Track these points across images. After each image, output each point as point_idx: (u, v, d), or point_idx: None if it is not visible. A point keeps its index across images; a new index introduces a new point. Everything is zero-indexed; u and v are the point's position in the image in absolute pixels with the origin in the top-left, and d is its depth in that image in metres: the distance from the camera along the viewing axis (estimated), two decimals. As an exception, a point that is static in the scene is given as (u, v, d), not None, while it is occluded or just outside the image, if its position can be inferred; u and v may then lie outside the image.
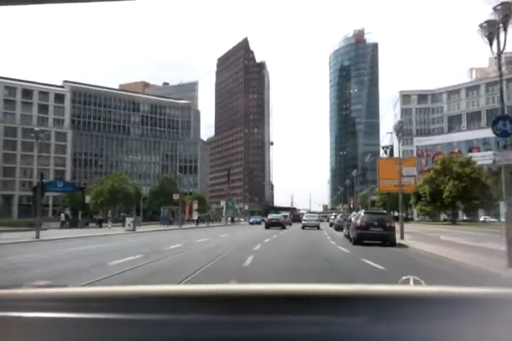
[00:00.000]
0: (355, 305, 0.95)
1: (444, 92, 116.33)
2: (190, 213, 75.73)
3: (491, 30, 11.50)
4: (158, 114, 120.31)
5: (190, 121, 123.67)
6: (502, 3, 11.13)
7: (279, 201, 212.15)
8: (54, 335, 0.92)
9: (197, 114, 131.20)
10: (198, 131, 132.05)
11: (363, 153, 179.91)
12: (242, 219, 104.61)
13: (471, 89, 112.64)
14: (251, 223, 62.69)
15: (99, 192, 63.36)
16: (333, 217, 53.95)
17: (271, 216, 45.84)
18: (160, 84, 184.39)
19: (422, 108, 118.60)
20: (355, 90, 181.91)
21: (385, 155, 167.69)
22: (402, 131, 26.15)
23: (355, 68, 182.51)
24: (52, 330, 0.93)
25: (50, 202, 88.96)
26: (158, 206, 65.95)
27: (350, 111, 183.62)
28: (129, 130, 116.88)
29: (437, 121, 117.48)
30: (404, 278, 1.85)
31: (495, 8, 11.31)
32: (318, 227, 40.83)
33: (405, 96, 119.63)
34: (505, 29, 11.43)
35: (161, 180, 75.26)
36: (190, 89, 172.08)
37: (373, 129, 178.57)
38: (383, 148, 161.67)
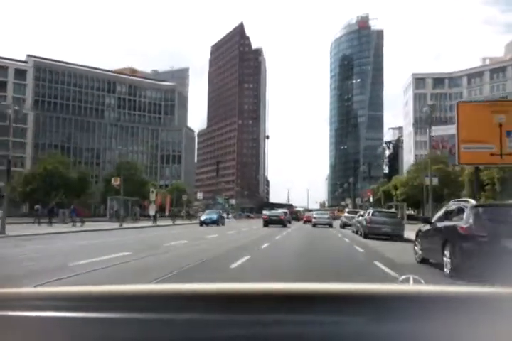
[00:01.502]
0: (355, 304, 0.92)
1: (464, 76, 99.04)
2: (164, 207, 58.64)
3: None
4: (137, 96, 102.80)
5: (175, 106, 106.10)
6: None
7: (274, 198, 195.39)
8: (54, 335, 0.90)
9: (183, 98, 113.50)
10: (184, 116, 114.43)
11: (365, 148, 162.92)
12: (230, 216, 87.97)
13: (496, 71, 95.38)
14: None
15: (30, 177, 46.13)
16: (346, 214, 36.66)
17: (270, 212, 40.26)
18: (149, 71, 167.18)
19: (438, 93, 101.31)
20: (358, 80, 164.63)
21: (387, 151, 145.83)
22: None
23: (358, 57, 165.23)
24: (52, 330, 0.91)
25: None
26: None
27: (352, 102, 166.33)
28: (103, 113, 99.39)
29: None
30: (404, 277, 1.79)
31: None
32: (330, 225, 35.90)
33: (419, 80, 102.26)
34: None
35: (118, 165, 57.74)
36: (180, 75, 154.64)
37: (377, 122, 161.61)
38: (386, 143, 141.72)
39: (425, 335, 0.86)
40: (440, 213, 10.72)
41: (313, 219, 37.38)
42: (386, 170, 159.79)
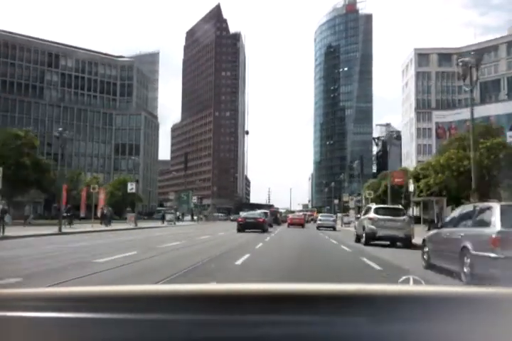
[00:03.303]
0: (355, 304, 0.89)
1: (475, 50, 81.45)
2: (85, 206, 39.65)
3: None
4: (86, 72, 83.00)
5: (133, 85, 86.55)
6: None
7: (256, 199, 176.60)
8: (53, 335, 0.89)
9: (144, 77, 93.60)
10: (145, 99, 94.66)
11: (352, 143, 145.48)
12: (189, 217, 69.57)
13: (515, 44, 78.19)
14: None
15: None
16: (372, 215, 17.59)
17: (246, 213, 31.69)
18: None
19: (444, 72, 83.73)
20: (345, 69, 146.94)
21: (375, 148, 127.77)
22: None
23: (345, 43, 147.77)
24: (51, 330, 0.89)
25: None
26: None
27: (339, 93, 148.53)
28: (43, 92, 79.45)
29: (466, 89, 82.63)
30: (404, 277, 1.76)
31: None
32: (334, 228, 35.00)
33: (422, 56, 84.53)
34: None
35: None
36: (150, 61, 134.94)
37: (365, 115, 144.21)
38: (374, 139, 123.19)
39: (426, 335, 0.84)
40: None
41: (319, 221, 37.58)
42: (374, 168, 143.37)
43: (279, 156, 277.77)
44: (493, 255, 6.56)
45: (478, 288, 1.02)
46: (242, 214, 33.05)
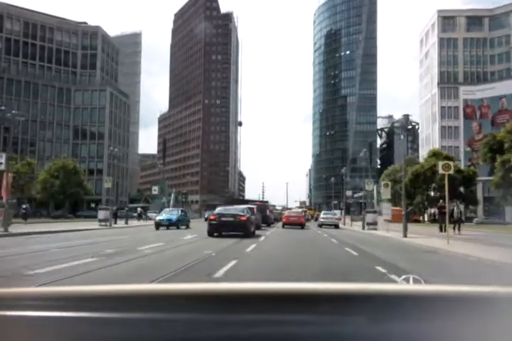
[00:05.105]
0: (355, 304, 0.88)
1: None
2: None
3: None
4: (38, 39, 66.38)
5: (97, 55, 69.86)
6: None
7: (251, 196, 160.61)
8: (54, 334, 0.88)
9: (111, 47, 76.44)
10: (114, 74, 77.64)
11: (355, 134, 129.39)
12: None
13: None
14: None
15: None
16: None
17: (221, 209, 20.65)
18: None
19: (474, 38, 67.36)
20: (347, 53, 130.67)
21: (379, 140, 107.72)
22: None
23: (347, 25, 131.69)
24: (51, 329, 0.88)
25: None
26: None
27: (340, 79, 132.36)
28: (-18, 60, 62.92)
29: (501, 59, 66.33)
30: (404, 277, 1.75)
31: None
32: (336, 226, 33.55)
33: (447, 20, 68.13)
34: None
35: None
36: (132, 42, 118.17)
37: (369, 103, 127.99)
38: (378, 131, 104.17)
39: (425, 335, 0.83)
40: None
41: (321, 219, 36.33)
42: (378, 163, 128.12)
43: (275, 152, 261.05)
44: None
45: (478, 287, 0.99)
46: (219, 209, 21.66)
